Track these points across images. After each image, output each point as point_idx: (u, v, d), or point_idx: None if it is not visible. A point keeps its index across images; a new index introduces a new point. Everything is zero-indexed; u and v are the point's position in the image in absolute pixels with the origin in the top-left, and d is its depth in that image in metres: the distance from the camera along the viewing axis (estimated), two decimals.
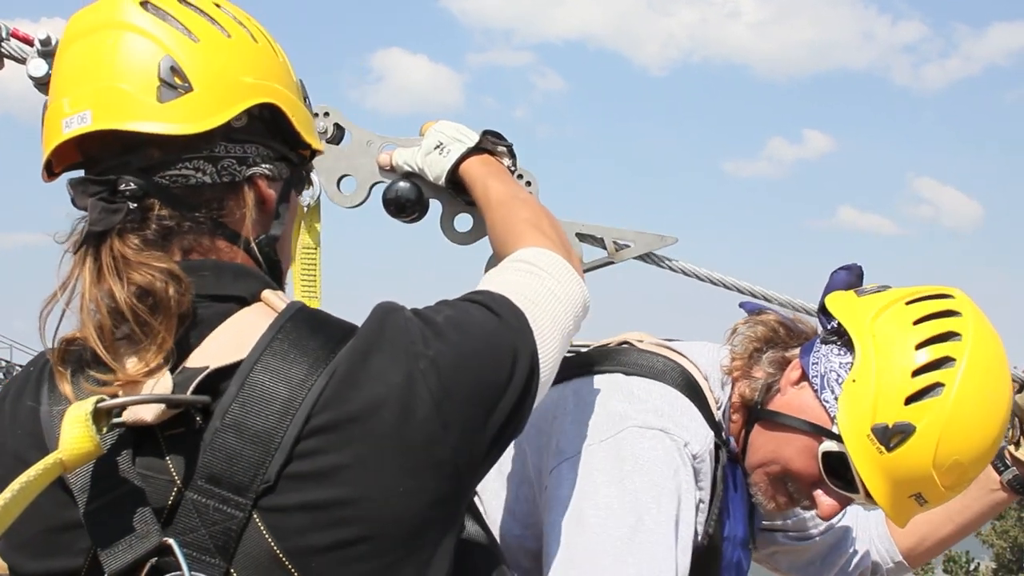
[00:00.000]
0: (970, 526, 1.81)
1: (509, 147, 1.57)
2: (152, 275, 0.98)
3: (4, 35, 1.57)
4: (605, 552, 1.30)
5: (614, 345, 1.60)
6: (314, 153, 1.20)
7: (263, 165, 1.09)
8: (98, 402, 0.92)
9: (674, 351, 1.56)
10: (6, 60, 1.59)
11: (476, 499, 1.49)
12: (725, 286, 1.96)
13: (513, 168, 1.57)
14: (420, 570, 0.96)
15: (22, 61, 1.57)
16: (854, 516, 1.88)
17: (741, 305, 1.68)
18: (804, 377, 1.47)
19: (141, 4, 1.05)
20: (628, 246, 1.74)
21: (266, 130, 1.10)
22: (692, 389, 1.50)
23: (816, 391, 1.44)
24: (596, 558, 1.30)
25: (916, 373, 1.37)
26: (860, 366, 1.39)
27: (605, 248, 1.73)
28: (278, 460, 0.92)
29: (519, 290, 1.14)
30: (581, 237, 1.71)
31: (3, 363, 24.77)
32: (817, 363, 1.46)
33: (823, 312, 1.53)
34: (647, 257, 1.78)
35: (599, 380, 1.50)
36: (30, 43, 1.56)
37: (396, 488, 0.94)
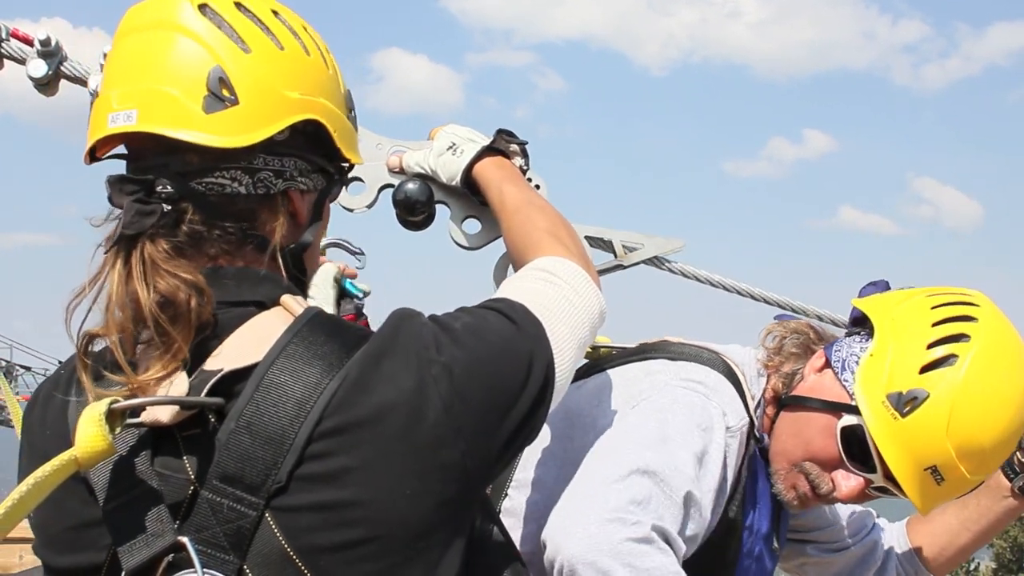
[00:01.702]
0: (986, 534, 1.84)
1: (522, 146, 1.57)
2: (177, 284, 1.00)
3: (4, 35, 1.56)
4: (625, 445, 1.38)
5: (652, 342, 1.65)
6: (352, 165, 1.22)
7: (299, 179, 1.11)
8: (112, 403, 0.94)
9: (712, 348, 1.61)
10: (6, 60, 1.58)
11: (507, 497, 1.53)
12: (737, 291, 1.96)
13: (526, 168, 1.57)
14: (428, 571, 0.98)
15: (22, 62, 1.56)
16: (880, 532, 1.90)
17: (776, 318, 1.72)
18: (827, 364, 1.54)
19: (199, 7, 1.07)
20: (636, 249, 1.73)
21: (307, 143, 1.12)
22: (733, 379, 1.56)
23: (837, 373, 1.51)
24: (617, 449, 1.37)
25: (931, 345, 1.43)
26: (878, 343, 1.48)
27: (614, 252, 1.73)
28: (289, 461, 0.94)
29: (537, 299, 1.15)
30: (589, 240, 1.71)
31: (3, 363, 24.80)
32: (840, 350, 1.54)
33: (855, 323, 1.60)
34: (654, 261, 1.78)
35: (645, 364, 1.57)
36: (30, 43, 1.56)
37: (403, 491, 0.95)
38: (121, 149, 1.10)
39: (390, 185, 1.58)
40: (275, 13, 1.10)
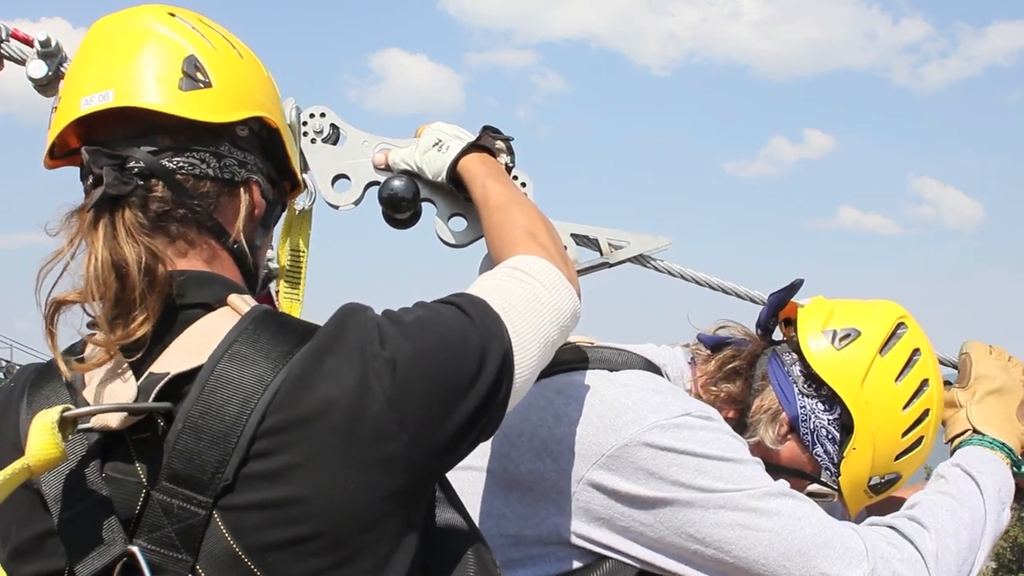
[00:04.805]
0: None
1: (508, 143, 1.57)
2: (154, 252, 1.04)
3: (4, 36, 1.58)
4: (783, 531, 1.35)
5: (569, 346, 1.55)
6: (294, 187, 1.29)
7: (258, 176, 1.17)
8: (64, 411, 0.96)
9: (632, 351, 1.58)
10: (6, 60, 1.60)
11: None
12: (723, 289, 1.97)
13: (511, 165, 1.57)
14: (379, 563, 0.98)
15: (22, 62, 1.58)
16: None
17: (699, 338, 1.71)
18: (791, 430, 1.59)
19: (169, 14, 1.14)
20: (622, 247, 1.74)
21: (262, 150, 1.19)
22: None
23: (807, 445, 1.58)
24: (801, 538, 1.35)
25: (905, 433, 1.57)
26: (859, 436, 1.56)
27: (599, 249, 1.73)
28: (235, 460, 0.95)
29: (501, 294, 1.16)
30: (576, 238, 1.72)
31: (3, 363, 24.78)
32: (806, 419, 1.58)
33: (766, 328, 1.70)
34: (640, 259, 1.78)
35: (582, 377, 1.47)
36: (30, 44, 1.57)
37: (346, 486, 0.96)
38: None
39: (376, 182, 1.59)
40: (227, 37, 1.19)
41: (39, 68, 1.57)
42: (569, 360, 1.50)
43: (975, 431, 1.65)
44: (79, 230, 1.05)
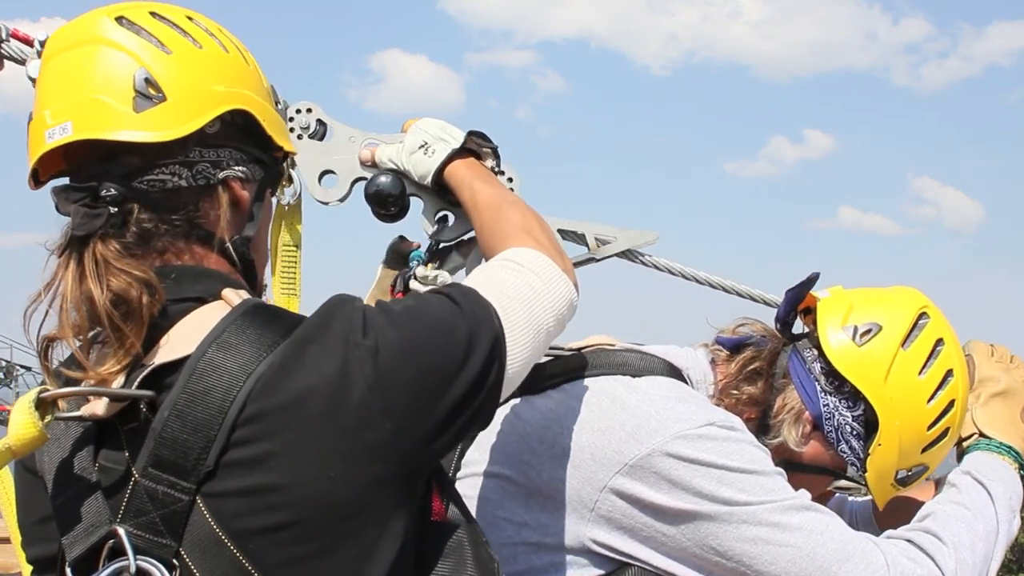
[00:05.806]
0: None
1: (494, 149, 1.58)
2: (129, 282, 1.03)
3: (4, 36, 1.60)
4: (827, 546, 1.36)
5: (590, 349, 1.56)
6: (287, 154, 1.26)
7: (236, 168, 1.16)
8: (41, 392, 0.99)
9: (655, 353, 1.57)
10: (6, 60, 1.63)
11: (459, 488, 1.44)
12: (710, 285, 1.98)
13: (497, 171, 1.58)
14: (364, 551, 0.99)
15: (22, 62, 1.60)
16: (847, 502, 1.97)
17: (718, 340, 1.68)
18: (815, 428, 1.58)
19: (116, 19, 1.12)
20: (609, 242, 1.75)
21: (239, 135, 1.17)
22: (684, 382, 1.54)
23: (832, 443, 1.57)
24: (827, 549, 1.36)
25: (931, 426, 1.56)
26: (884, 432, 1.55)
27: (586, 244, 1.74)
28: (216, 447, 0.97)
29: (493, 284, 1.17)
30: (563, 233, 1.73)
31: (3, 363, 24.74)
32: (830, 417, 1.57)
33: (784, 323, 1.69)
34: (628, 254, 1.80)
35: (604, 383, 1.47)
36: (30, 44, 1.59)
37: (326, 473, 0.97)
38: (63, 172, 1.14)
39: (363, 178, 1.60)
40: (190, 18, 1.16)
41: (39, 68, 1.58)
42: (590, 365, 1.50)
43: (981, 434, 1.64)
44: (56, 271, 1.06)
